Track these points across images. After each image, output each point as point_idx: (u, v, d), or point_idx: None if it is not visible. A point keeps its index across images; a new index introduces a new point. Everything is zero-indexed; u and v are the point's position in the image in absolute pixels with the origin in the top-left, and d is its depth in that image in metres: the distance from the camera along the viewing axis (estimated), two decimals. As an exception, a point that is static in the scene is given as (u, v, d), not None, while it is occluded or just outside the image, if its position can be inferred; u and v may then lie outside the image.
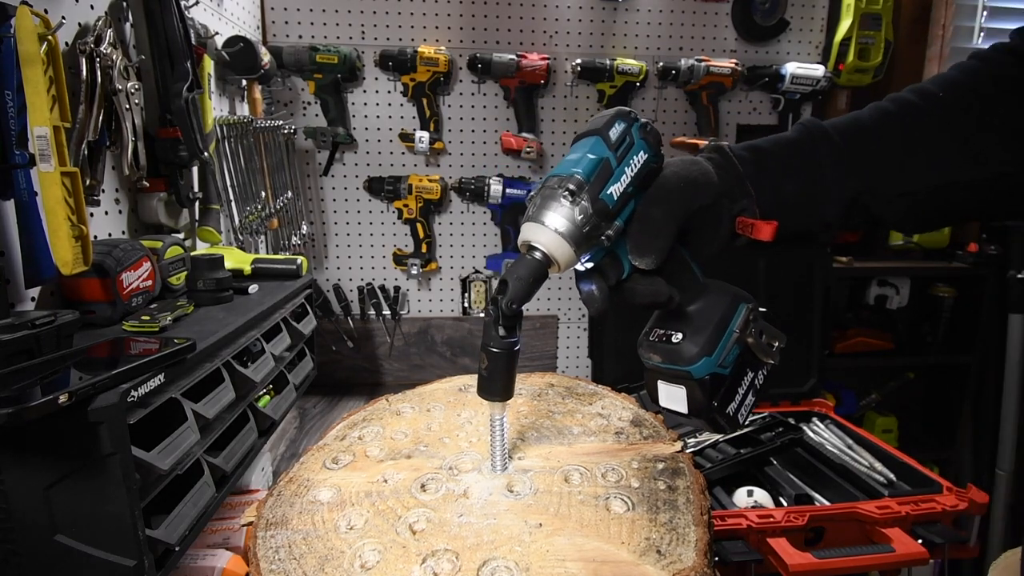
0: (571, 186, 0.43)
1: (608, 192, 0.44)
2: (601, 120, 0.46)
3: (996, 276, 1.83)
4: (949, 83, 0.52)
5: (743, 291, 0.50)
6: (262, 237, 1.44)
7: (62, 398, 0.48)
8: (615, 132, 0.46)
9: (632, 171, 0.46)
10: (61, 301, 0.75)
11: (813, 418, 1.30)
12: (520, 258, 0.45)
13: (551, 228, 0.43)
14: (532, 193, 0.46)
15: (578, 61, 1.73)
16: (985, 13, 1.88)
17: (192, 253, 0.97)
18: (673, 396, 0.48)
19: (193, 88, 0.97)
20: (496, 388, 0.50)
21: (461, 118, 1.78)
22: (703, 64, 1.75)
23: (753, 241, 0.50)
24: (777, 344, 0.50)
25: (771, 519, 0.89)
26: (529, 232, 0.45)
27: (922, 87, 0.53)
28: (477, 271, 1.88)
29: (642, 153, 0.46)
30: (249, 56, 1.35)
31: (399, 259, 1.82)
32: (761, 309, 0.50)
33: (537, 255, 0.45)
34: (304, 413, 1.63)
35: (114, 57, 0.82)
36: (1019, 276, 1.72)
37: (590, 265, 0.47)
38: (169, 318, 0.76)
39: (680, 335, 0.47)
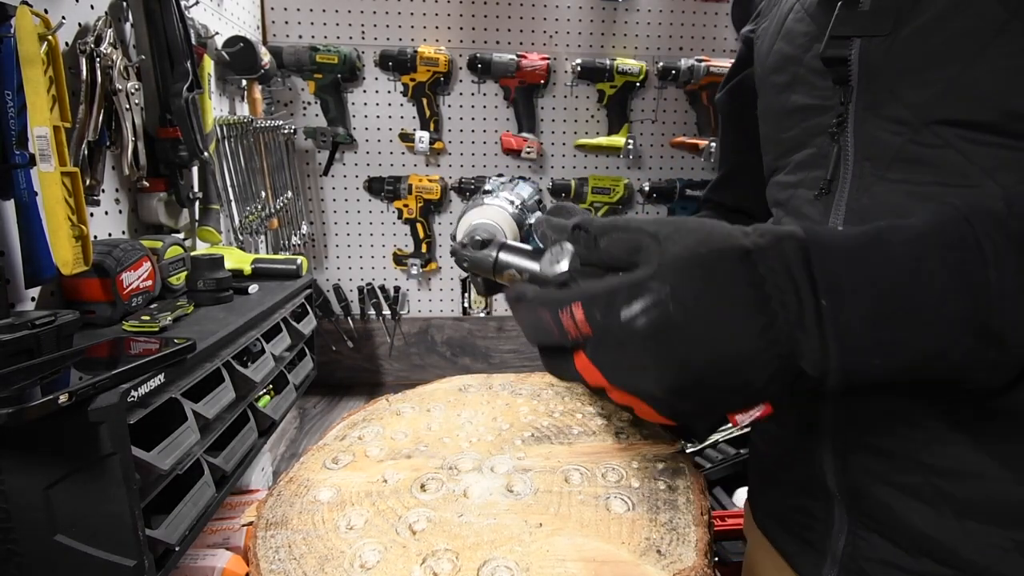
0: None
1: None
2: None
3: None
4: None
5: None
6: (262, 237, 1.44)
7: (62, 398, 0.48)
8: None
9: None
10: (61, 301, 0.75)
11: (813, 418, 1.30)
12: None
13: None
14: None
15: (578, 61, 1.73)
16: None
17: (192, 253, 0.97)
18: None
19: (193, 88, 0.97)
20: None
21: (461, 118, 1.78)
22: (703, 64, 1.75)
23: None
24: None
25: (771, 519, 0.89)
26: None
27: None
28: (477, 271, 1.88)
29: None
30: (249, 56, 1.35)
31: (399, 259, 1.82)
32: None
33: None
34: (304, 413, 1.63)
35: (114, 57, 0.82)
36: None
37: None
38: (169, 318, 0.76)
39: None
